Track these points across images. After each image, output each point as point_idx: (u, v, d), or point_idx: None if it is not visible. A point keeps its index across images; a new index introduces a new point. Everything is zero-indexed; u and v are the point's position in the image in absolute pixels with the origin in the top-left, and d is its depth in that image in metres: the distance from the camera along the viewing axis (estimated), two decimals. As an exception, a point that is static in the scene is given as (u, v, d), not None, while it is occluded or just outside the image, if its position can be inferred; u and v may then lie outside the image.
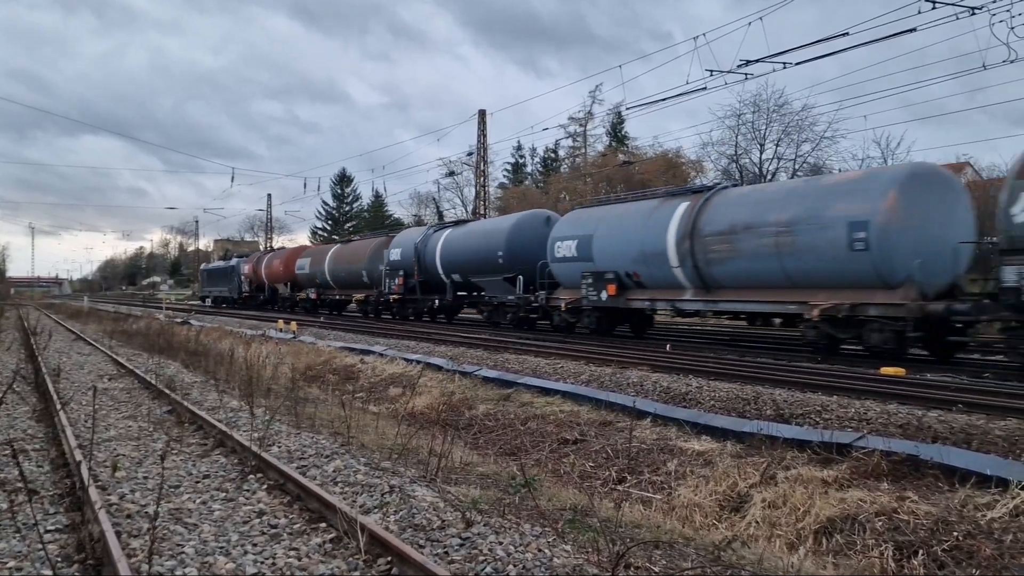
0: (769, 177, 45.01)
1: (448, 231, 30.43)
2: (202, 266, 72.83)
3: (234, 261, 54.03)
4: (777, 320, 20.28)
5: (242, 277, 51.05)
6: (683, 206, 19.47)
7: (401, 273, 31.52)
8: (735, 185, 21.94)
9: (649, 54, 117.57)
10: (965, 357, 15.94)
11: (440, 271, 29.50)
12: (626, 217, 21.56)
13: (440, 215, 72.02)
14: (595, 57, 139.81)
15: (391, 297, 32.55)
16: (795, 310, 16.62)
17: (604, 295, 21.26)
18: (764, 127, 46.66)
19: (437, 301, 30.14)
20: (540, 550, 5.40)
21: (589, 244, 22.17)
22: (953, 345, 15.36)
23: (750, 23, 22.10)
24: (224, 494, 6.97)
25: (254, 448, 8.02)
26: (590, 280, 21.74)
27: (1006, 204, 13.31)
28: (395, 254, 32.46)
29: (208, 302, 58.03)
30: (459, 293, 29.59)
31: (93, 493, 6.34)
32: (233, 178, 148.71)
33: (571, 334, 22.93)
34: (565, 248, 23.09)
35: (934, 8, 18.60)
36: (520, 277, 25.20)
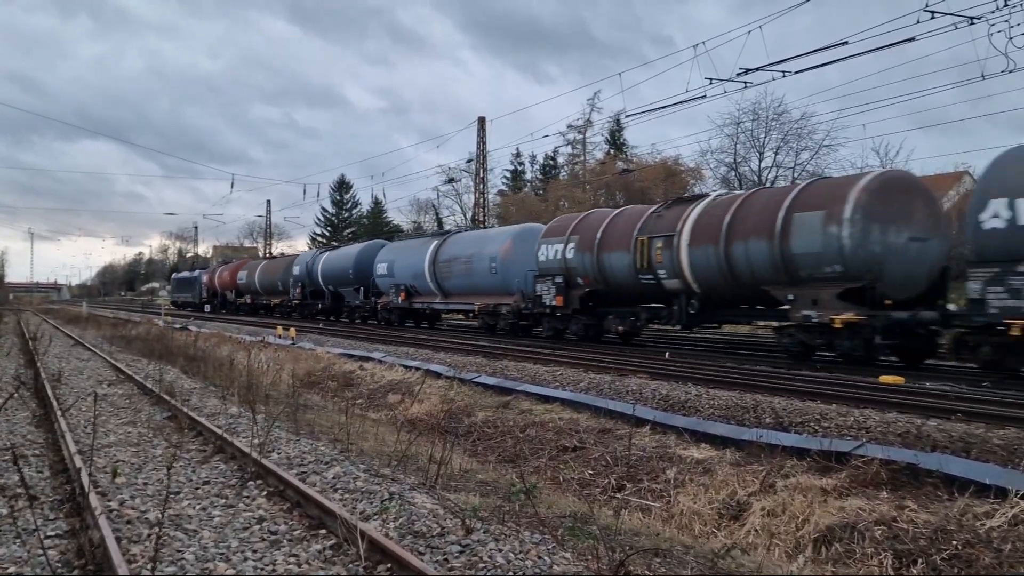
0: (769, 185, 45.03)
1: (326, 254, 41.66)
2: (172, 275, 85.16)
3: (196, 272, 65.44)
4: (471, 313, 29.22)
5: (202, 285, 61.03)
6: (434, 243, 30.40)
7: (300, 284, 42.45)
8: (460, 231, 33.37)
9: (650, 61, 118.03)
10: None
11: (321, 283, 40.46)
12: (411, 248, 32.46)
13: (439, 222, 72.05)
14: (596, 62, 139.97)
15: (294, 302, 43.35)
16: (472, 307, 27.83)
17: (399, 299, 32.01)
18: (763, 135, 46.82)
19: (320, 305, 40.75)
20: (540, 557, 5.41)
21: (393, 266, 32.86)
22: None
23: (750, 31, 22.19)
24: (224, 500, 6.98)
25: (254, 454, 8.03)
26: (392, 290, 32.63)
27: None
28: (296, 270, 43.24)
29: (175, 306, 67.90)
30: (335, 299, 39.87)
31: (93, 499, 6.35)
32: (233, 184, 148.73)
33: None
34: (382, 268, 33.77)
35: (933, 18, 18.67)
36: (362, 287, 36.03)
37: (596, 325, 22.43)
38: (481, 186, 49.06)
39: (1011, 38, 18.72)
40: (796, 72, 22.60)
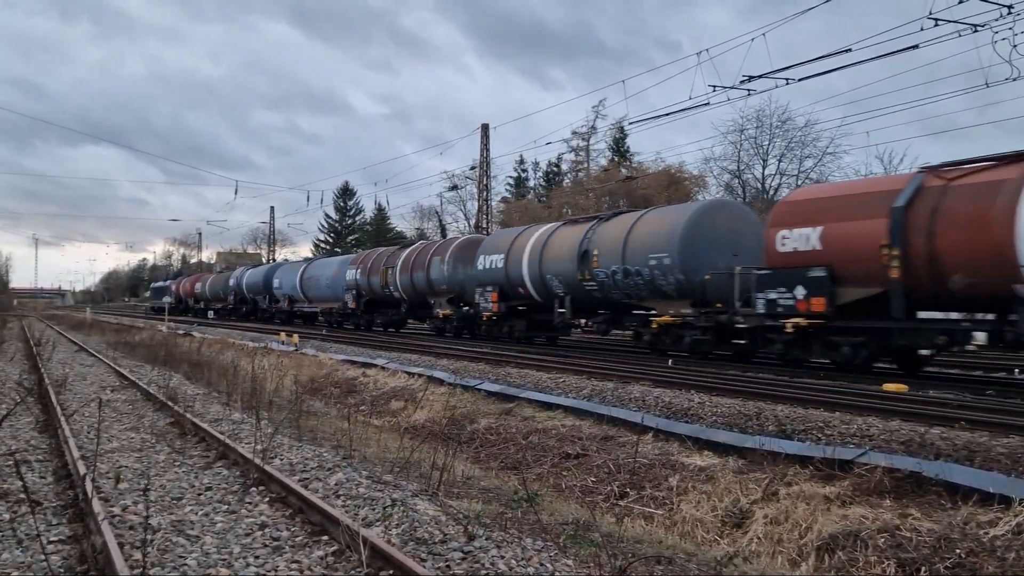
0: (772, 193, 45.06)
1: (249, 270, 54.87)
2: (152, 284, 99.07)
3: (168, 282, 79.49)
4: (322, 315, 42.50)
5: (172, 293, 73.15)
6: (303, 266, 44.93)
7: (233, 292, 55.00)
8: (317, 259, 48.22)
9: (656, 68, 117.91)
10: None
11: (245, 292, 52.75)
12: (290, 269, 46.77)
13: (443, 229, 72.14)
14: (602, 67, 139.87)
15: (228, 306, 56.22)
16: (317, 310, 42.58)
17: (285, 304, 45.74)
18: (767, 142, 46.84)
19: (244, 308, 53.00)
20: (542, 564, 5.41)
21: (282, 282, 46.09)
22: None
23: (753, 39, 22.21)
24: (226, 506, 6.98)
25: (256, 460, 8.03)
26: (283, 298, 46.00)
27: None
28: (231, 282, 55.81)
29: (152, 310, 79.77)
30: (253, 304, 51.62)
31: (96, 504, 6.35)
32: (237, 191, 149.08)
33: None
34: (275, 283, 47.26)
35: (937, 25, 18.68)
36: (267, 296, 48.47)
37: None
38: (484, 193, 49.14)
39: (1015, 45, 18.74)
40: (800, 80, 22.59)
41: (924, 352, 15.31)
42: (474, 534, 5.97)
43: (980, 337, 13.20)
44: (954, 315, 13.67)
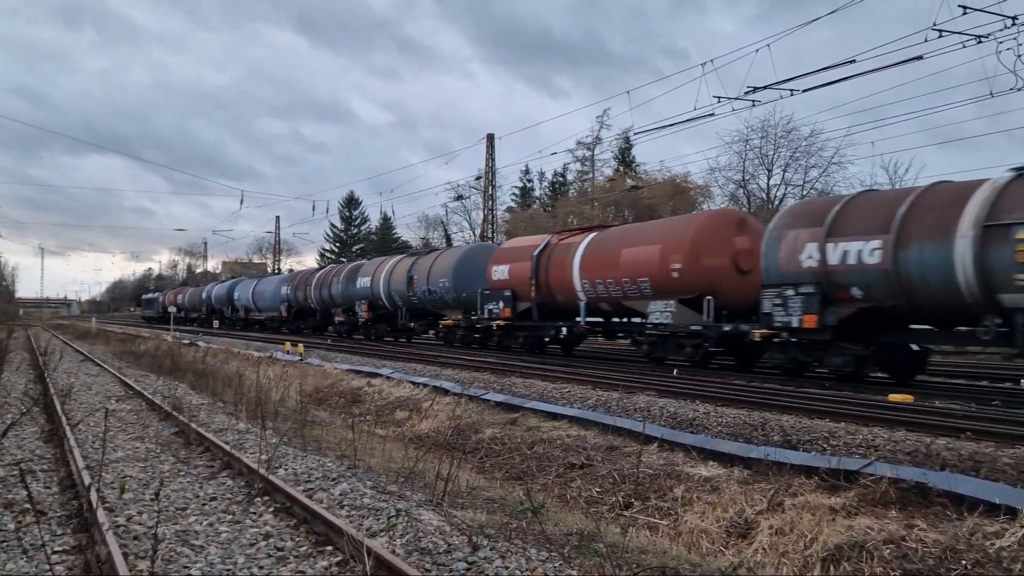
0: (777, 203, 45.01)
1: (217, 285, 64.89)
2: (143, 296, 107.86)
3: (156, 294, 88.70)
4: (266, 320, 50.30)
5: (159, 303, 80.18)
6: (254, 282, 54.71)
7: (206, 304, 63.75)
8: (266, 275, 60.89)
9: (663, 77, 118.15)
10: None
11: (213, 303, 61.56)
12: (246, 284, 56.12)
13: (448, 239, 72.21)
14: (609, 75, 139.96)
15: (202, 316, 64.83)
16: (263, 317, 50.96)
17: (243, 313, 54.47)
18: (772, 152, 46.79)
19: (214, 317, 60.95)
20: (546, 575, 5.40)
21: (242, 295, 54.96)
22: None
23: (757, 50, 22.26)
24: (231, 516, 6.98)
25: (261, 470, 8.04)
26: (242, 308, 54.66)
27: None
28: (203, 295, 65.65)
29: (144, 319, 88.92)
30: (220, 313, 59.79)
31: (101, 514, 6.36)
32: (242, 201, 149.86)
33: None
34: (235, 295, 56.30)
35: (941, 36, 18.70)
36: (231, 307, 57.22)
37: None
38: (490, 203, 49.23)
39: (1019, 56, 18.77)
40: (804, 91, 22.62)
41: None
42: (478, 544, 5.97)
43: (564, 331, 23.84)
44: (560, 321, 23.91)
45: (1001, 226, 12.60)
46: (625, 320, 22.07)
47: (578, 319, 22.52)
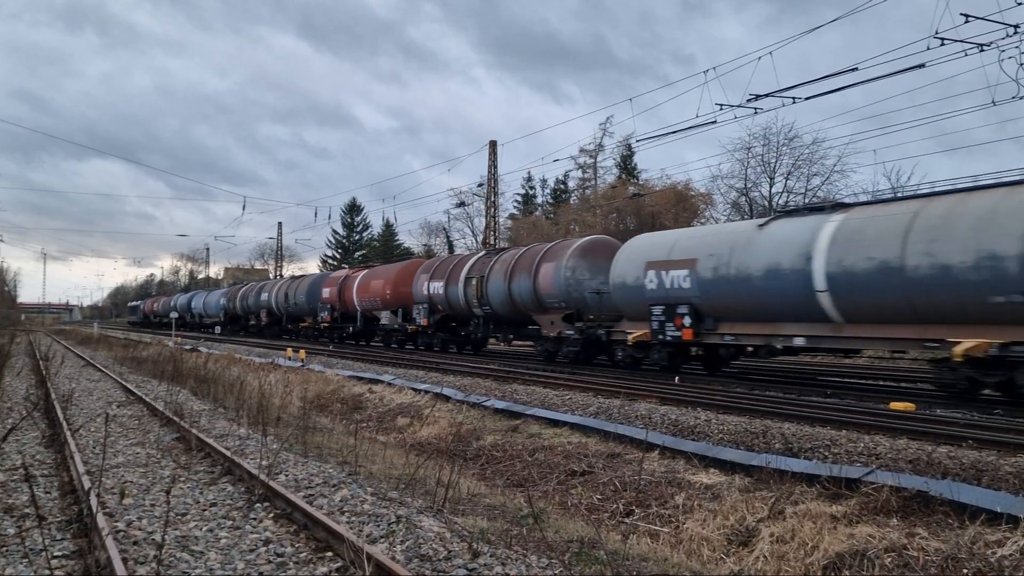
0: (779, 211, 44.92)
1: (183, 295, 76.68)
2: (128, 303, 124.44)
3: (139, 302, 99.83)
4: (213, 325, 60.46)
5: (141, 311, 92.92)
6: (206, 294, 70.06)
7: (173, 309, 66.33)
8: (212, 290, 71.71)
9: (668, 84, 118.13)
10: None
11: (179, 310, 67.07)
12: (200, 296, 70.27)
13: (450, 246, 72.28)
14: (615, 80, 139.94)
15: (170, 320, 62.46)
16: (210, 321, 63.57)
17: (209, 320, 62.18)
18: (774, 160, 46.79)
19: (180, 322, 59.87)
20: (546, 582, 5.38)
21: (199, 304, 66.84)
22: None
23: (760, 57, 22.28)
24: (231, 522, 6.98)
25: (262, 476, 8.03)
26: (205, 315, 63.87)
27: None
28: (172, 303, 74.89)
29: (130, 324, 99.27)
30: (186, 320, 67.63)
31: (101, 519, 6.36)
32: (244, 206, 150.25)
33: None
34: (194, 303, 68.44)
35: (943, 44, 18.71)
36: (199, 314, 65.73)
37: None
38: (492, 210, 49.24)
39: (1022, 64, 18.76)
40: (807, 98, 22.64)
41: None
42: (479, 551, 5.96)
43: (350, 328, 37.98)
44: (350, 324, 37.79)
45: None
46: (376, 322, 35.58)
47: (356, 322, 37.05)
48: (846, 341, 15.38)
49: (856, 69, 20.19)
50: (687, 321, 18.13)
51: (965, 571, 6.07)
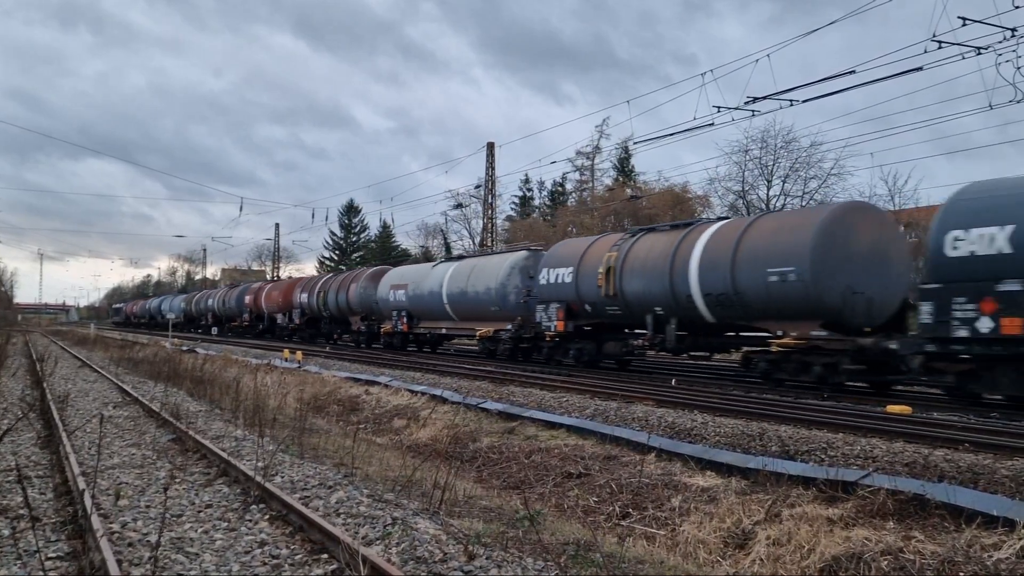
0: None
1: (164, 298, 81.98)
2: (112, 305, 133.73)
3: (121, 304, 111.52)
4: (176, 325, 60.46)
5: (123, 313, 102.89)
6: (171, 298, 79.53)
7: (148, 312, 78.81)
8: (176, 294, 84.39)
9: (668, 85, 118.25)
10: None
11: (151, 312, 79.49)
12: (167, 299, 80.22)
13: (448, 247, 72.23)
14: (616, 80, 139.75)
15: (145, 320, 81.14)
16: (174, 321, 58.29)
17: (167, 319, 58.49)
18: (771, 163, 46.79)
19: (152, 322, 75.94)
20: (542, 585, 5.37)
21: (171, 306, 72.85)
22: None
23: (757, 60, 22.31)
24: (226, 523, 6.96)
25: (257, 478, 8.01)
26: (184, 316, 68.25)
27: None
28: (147, 305, 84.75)
29: (115, 324, 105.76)
30: (154, 319, 77.06)
31: (95, 521, 6.34)
32: (242, 207, 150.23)
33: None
34: (171, 305, 73.06)
35: (940, 47, 18.73)
36: (175, 315, 65.73)
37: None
38: (490, 212, 49.25)
39: (1019, 68, 18.79)
40: (804, 101, 22.65)
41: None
42: (475, 554, 5.94)
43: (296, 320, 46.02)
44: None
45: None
46: (275, 321, 46.45)
47: (264, 321, 49.68)
48: (456, 329, 29.18)
49: (854, 72, 20.23)
50: (405, 319, 31.81)
51: (961, 574, 6.07)
